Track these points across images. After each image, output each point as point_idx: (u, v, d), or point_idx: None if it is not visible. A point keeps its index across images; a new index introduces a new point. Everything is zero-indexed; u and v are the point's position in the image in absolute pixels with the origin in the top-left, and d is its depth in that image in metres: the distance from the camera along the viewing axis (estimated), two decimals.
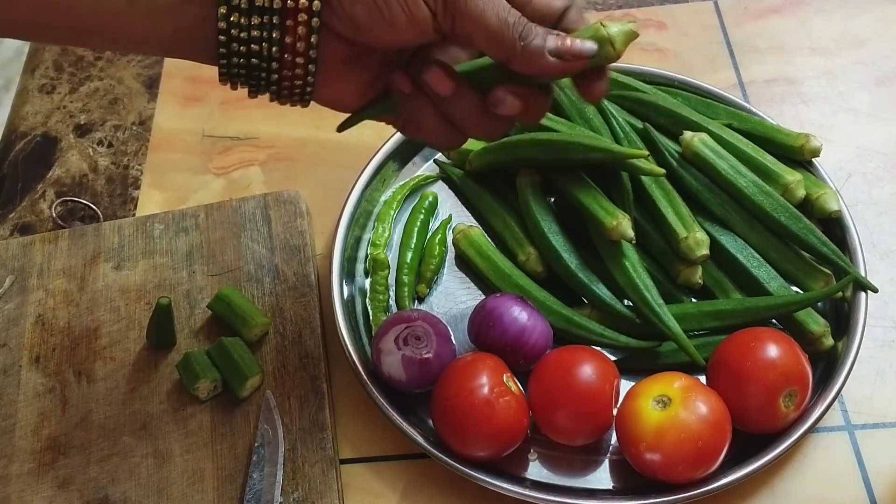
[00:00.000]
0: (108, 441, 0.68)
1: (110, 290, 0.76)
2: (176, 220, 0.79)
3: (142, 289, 0.76)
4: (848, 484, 0.66)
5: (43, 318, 0.75)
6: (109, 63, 0.96)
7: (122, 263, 0.77)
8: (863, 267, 0.72)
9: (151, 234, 0.78)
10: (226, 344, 0.70)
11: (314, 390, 0.69)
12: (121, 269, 0.77)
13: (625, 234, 0.69)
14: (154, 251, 0.77)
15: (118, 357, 0.72)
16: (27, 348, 0.73)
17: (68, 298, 0.76)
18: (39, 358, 0.73)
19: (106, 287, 0.76)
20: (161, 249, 0.77)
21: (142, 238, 0.78)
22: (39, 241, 0.79)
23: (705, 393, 0.62)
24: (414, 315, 0.68)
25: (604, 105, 0.77)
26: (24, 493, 0.67)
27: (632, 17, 0.94)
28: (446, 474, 0.66)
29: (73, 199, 0.85)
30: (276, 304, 0.74)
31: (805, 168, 0.76)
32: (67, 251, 0.78)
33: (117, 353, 0.72)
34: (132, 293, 0.75)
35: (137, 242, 0.78)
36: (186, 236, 0.78)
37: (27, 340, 0.74)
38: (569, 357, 0.65)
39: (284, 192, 0.80)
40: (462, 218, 0.80)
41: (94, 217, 0.83)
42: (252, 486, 0.65)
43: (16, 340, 0.74)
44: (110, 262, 0.77)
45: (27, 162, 0.89)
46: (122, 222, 0.80)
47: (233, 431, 0.68)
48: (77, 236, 0.79)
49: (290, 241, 0.77)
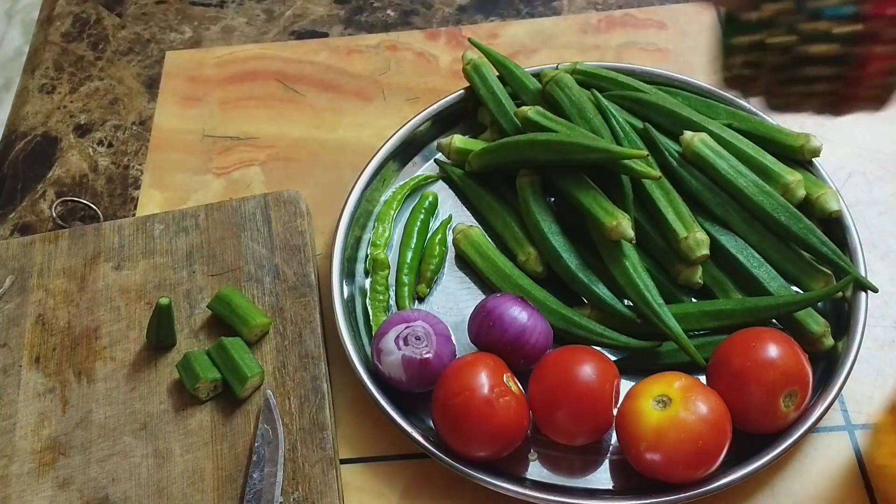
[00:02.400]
0: (108, 441, 0.69)
1: (110, 290, 0.76)
2: (176, 220, 0.79)
3: (142, 289, 0.76)
4: (848, 484, 0.66)
5: (43, 318, 0.75)
6: (110, 63, 0.96)
7: (123, 263, 0.77)
8: (863, 267, 0.72)
9: (151, 233, 0.78)
10: (226, 344, 0.70)
11: (314, 390, 0.69)
12: (121, 269, 0.77)
13: (625, 235, 0.69)
14: (154, 251, 0.77)
15: (118, 357, 0.72)
16: (27, 348, 0.73)
17: (68, 298, 0.76)
18: (39, 358, 0.73)
19: (106, 287, 0.76)
20: (161, 249, 0.77)
21: (142, 238, 0.78)
22: (40, 240, 0.79)
23: (705, 393, 0.62)
24: (414, 315, 0.68)
25: (604, 105, 0.77)
26: (25, 493, 0.67)
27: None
28: (446, 474, 0.66)
29: (74, 199, 0.85)
30: (277, 303, 0.74)
31: (805, 168, 0.76)
32: (67, 251, 0.78)
33: (117, 353, 0.72)
34: (132, 293, 0.75)
35: (137, 242, 0.78)
36: (187, 236, 0.78)
37: (27, 340, 0.74)
38: (569, 357, 0.65)
39: (284, 192, 0.80)
40: (462, 218, 0.80)
41: (95, 217, 0.83)
42: (252, 486, 0.65)
43: (16, 340, 0.74)
44: (110, 262, 0.77)
45: (27, 162, 0.89)
46: (122, 222, 0.80)
47: (233, 431, 0.68)
48: (77, 236, 0.79)
49: (291, 241, 0.77)
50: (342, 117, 0.89)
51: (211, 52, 0.95)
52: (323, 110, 0.90)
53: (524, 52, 0.92)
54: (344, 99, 0.90)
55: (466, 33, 0.93)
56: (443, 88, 0.88)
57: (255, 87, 0.92)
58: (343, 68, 0.93)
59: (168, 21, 0.99)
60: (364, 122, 0.88)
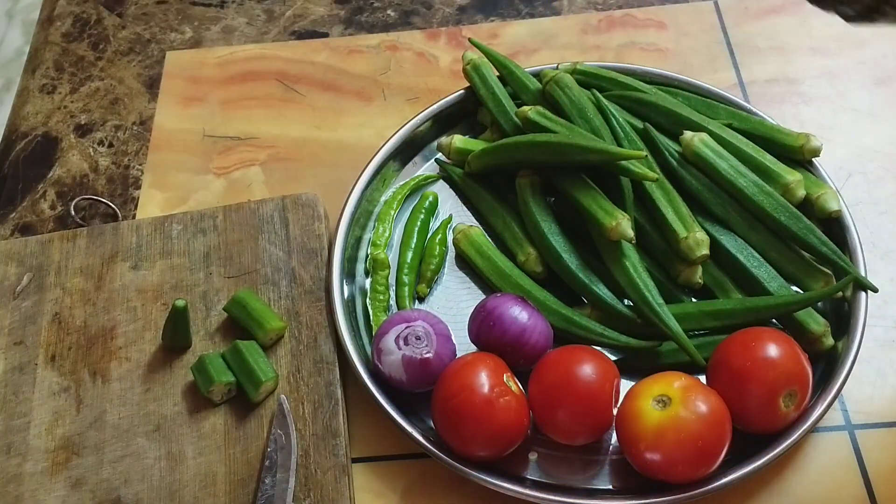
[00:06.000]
0: (121, 442, 0.69)
1: (127, 290, 0.76)
2: (194, 221, 0.79)
3: (158, 289, 0.75)
4: (848, 484, 0.66)
5: (59, 317, 0.75)
6: (110, 63, 0.96)
7: (140, 263, 0.77)
8: (863, 267, 0.72)
9: (169, 234, 0.78)
10: (241, 347, 0.70)
11: (328, 396, 0.69)
12: (138, 269, 0.77)
13: (624, 235, 0.69)
14: (172, 252, 0.77)
15: (133, 357, 0.72)
16: (43, 346, 0.73)
17: (85, 297, 0.75)
18: (55, 356, 0.73)
19: (123, 287, 0.76)
20: (179, 250, 0.77)
21: (160, 238, 0.78)
22: (58, 239, 0.79)
23: (705, 393, 0.62)
24: (414, 315, 0.69)
25: (604, 105, 0.77)
26: (38, 492, 0.67)
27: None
28: (446, 474, 0.66)
29: (93, 197, 0.84)
30: (292, 307, 0.74)
31: (805, 168, 0.76)
32: (85, 250, 0.78)
33: (133, 354, 0.72)
34: (149, 293, 0.75)
35: (155, 242, 0.78)
36: (204, 237, 0.78)
37: (43, 339, 0.74)
38: (569, 357, 0.65)
39: (302, 196, 0.79)
40: (462, 218, 0.80)
41: (113, 216, 0.83)
42: (264, 492, 0.65)
43: (32, 338, 0.74)
44: (128, 262, 0.77)
45: (28, 162, 0.89)
46: (139, 222, 0.79)
47: (246, 435, 0.68)
48: (95, 235, 0.79)
49: (308, 244, 0.77)
50: (342, 117, 0.89)
51: (211, 52, 0.95)
52: (323, 110, 0.90)
53: (524, 52, 0.92)
54: (344, 99, 0.90)
55: (467, 33, 0.93)
56: (443, 88, 0.88)
57: (256, 87, 0.92)
58: (343, 68, 0.93)
59: (168, 21, 0.99)
60: (364, 122, 0.88)
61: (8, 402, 0.71)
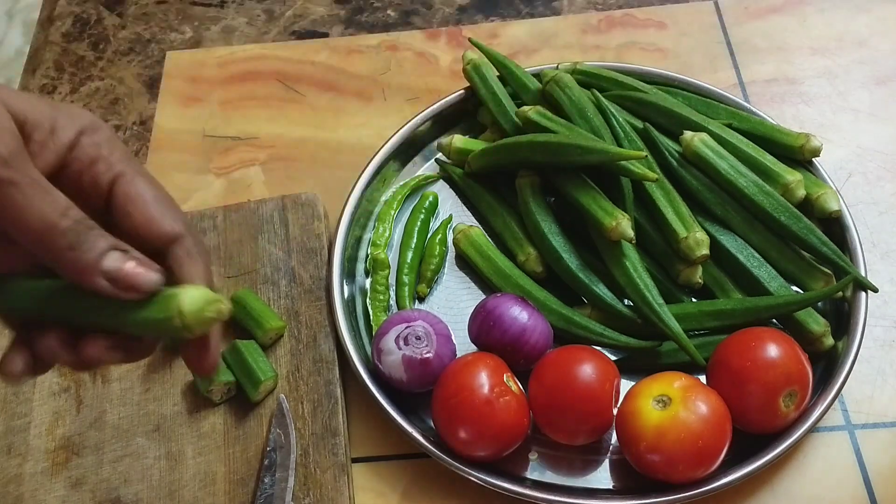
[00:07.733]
0: (121, 442, 0.69)
1: None
2: (194, 221, 0.79)
3: None
4: (848, 484, 0.66)
5: None
6: (110, 63, 0.96)
7: None
8: (863, 267, 0.72)
9: None
10: (240, 346, 0.70)
11: (328, 395, 0.69)
12: None
13: (624, 235, 0.69)
14: None
15: None
16: None
17: None
18: None
19: None
20: None
21: None
22: None
23: (705, 393, 0.62)
24: (414, 315, 0.69)
25: (604, 105, 0.77)
26: (38, 491, 0.67)
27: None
28: (446, 474, 0.66)
29: None
30: (292, 307, 0.74)
31: (805, 168, 0.76)
32: None
33: None
34: None
35: None
36: (204, 237, 0.78)
37: None
38: (569, 357, 0.65)
39: (302, 195, 0.79)
40: (462, 218, 0.80)
41: None
42: (263, 491, 0.65)
43: None
44: None
45: None
46: None
47: (245, 435, 0.68)
48: None
49: (308, 244, 0.77)
50: (342, 117, 0.89)
51: (211, 52, 0.95)
52: (323, 110, 0.90)
53: (524, 52, 0.92)
54: (344, 99, 0.90)
55: (467, 33, 0.93)
56: (443, 88, 0.88)
57: (256, 87, 0.92)
58: (343, 68, 0.93)
59: (168, 21, 0.99)
60: (364, 122, 0.88)
61: (8, 402, 0.71)
